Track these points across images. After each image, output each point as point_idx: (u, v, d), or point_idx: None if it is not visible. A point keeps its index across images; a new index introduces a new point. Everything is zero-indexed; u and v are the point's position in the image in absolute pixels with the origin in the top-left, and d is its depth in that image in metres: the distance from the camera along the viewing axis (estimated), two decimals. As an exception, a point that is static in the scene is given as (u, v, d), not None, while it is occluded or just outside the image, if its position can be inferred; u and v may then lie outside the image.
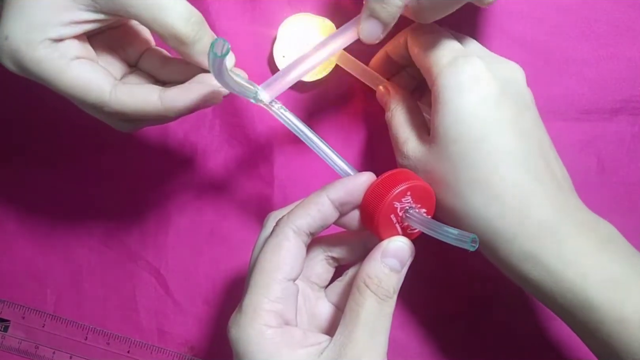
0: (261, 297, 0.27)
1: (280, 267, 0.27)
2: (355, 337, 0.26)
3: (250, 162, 0.42)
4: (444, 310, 0.40)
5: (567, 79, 0.39)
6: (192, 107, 0.31)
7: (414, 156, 0.32)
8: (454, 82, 0.29)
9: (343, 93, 0.41)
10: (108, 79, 0.30)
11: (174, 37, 0.28)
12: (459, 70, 0.30)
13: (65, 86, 0.29)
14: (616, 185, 0.40)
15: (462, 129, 0.29)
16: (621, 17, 0.39)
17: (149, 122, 0.34)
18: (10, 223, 0.45)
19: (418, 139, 0.32)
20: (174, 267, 0.43)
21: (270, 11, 0.41)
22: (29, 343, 0.44)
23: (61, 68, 0.28)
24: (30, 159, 0.45)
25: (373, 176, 0.29)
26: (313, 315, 0.32)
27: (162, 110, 0.30)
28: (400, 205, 0.28)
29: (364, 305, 0.27)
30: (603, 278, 0.27)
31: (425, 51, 0.32)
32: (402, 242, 0.29)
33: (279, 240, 0.28)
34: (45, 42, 0.28)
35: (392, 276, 0.28)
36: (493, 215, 0.29)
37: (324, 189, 0.29)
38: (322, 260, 0.32)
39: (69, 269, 0.44)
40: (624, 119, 0.39)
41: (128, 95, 0.30)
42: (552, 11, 0.40)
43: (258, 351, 0.26)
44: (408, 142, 0.32)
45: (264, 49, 0.41)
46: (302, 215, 0.28)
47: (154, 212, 0.43)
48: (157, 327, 0.43)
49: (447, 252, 0.40)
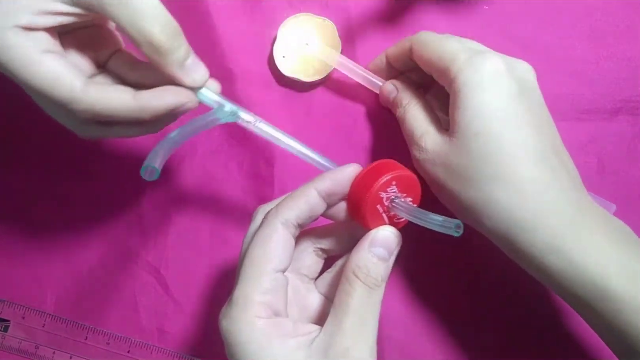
0: (251, 289, 0.27)
1: (269, 259, 0.27)
2: (345, 326, 0.27)
3: (250, 162, 0.42)
4: (445, 310, 0.40)
5: (567, 79, 0.39)
6: (168, 108, 0.30)
7: (432, 149, 0.32)
8: (475, 78, 0.30)
9: (343, 93, 0.41)
10: (79, 75, 0.28)
11: (149, 44, 0.27)
12: (479, 66, 0.30)
13: (34, 78, 0.27)
14: (616, 185, 0.40)
15: (484, 124, 0.30)
16: (621, 17, 0.39)
17: (117, 128, 0.32)
18: (11, 223, 0.45)
19: (436, 133, 0.33)
20: (174, 267, 0.43)
21: (270, 11, 0.41)
22: (29, 343, 0.44)
23: (32, 58, 0.27)
24: (30, 159, 0.45)
25: (359, 167, 0.30)
26: (303, 307, 0.32)
27: (137, 109, 0.29)
28: (386, 195, 0.29)
29: (353, 294, 0.27)
30: (623, 269, 0.28)
31: (439, 54, 0.32)
32: (389, 231, 0.29)
33: (268, 232, 0.28)
34: (15, 30, 0.27)
35: (380, 265, 0.28)
36: (514, 207, 0.29)
37: (312, 181, 0.29)
38: (311, 252, 0.32)
39: (69, 269, 0.44)
40: (624, 118, 0.39)
41: (100, 93, 0.29)
42: (552, 11, 0.40)
43: (249, 342, 0.26)
44: (426, 136, 0.33)
45: (264, 49, 0.41)
46: (290, 207, 0.28)
47: (154, 212, 0.43)
48: (157, 327, 0.43)
49: (448, 251, 0.40)
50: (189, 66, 0.30)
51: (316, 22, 0.40)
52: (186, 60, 0.29)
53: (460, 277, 0.40)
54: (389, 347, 0.40)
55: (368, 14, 0.41)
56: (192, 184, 0.43)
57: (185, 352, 0.43)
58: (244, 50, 0.41)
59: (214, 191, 0.43)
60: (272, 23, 0.40)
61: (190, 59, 0.30)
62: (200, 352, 0.43)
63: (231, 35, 0.41)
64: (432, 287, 0.40)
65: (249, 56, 0.41)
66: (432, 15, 0.40)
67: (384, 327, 0.40)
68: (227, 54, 0.41)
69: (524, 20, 0.40)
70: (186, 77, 0.30)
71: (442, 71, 0.32)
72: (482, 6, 0.40)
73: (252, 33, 0.41)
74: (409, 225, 0.30)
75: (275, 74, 0.41)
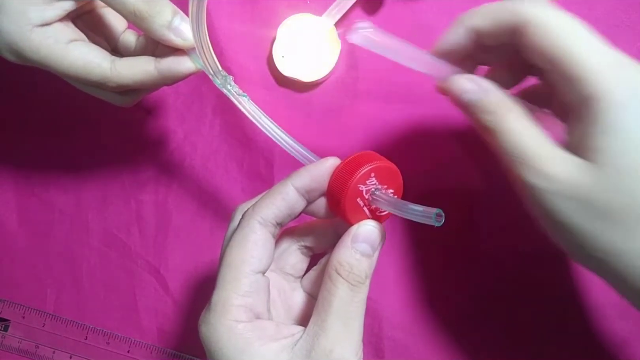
0: (230, 292, 0.26)
1: (247, 261, 0.27)
2: (328, 326, 0.26)
3: (250, 162, 0.42)
4: (446, 311, 0.40)
5: (567, 79, 0.39)
6: (187, 74, 0.32)
7: (565, 179, 0.24)
8: (632, 99, 0.23)
9: (342, 93, 0.41)
10: (105, 55, 0.31)
11: (133, 13, 0.29)
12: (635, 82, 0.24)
13: (68, 69, 0.30)
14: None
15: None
16: (621, 17, 0.39)
17: (146, 91, 0.36)
18: (10, 223, 0.45)
19: (572, 157, 0.25)
20: (174, 267, 0.43)
21: (270, 11, 0.41)
22: (29, 343, 0.44)
23: (60, 52, 0.30)
24: (29, 158, 0.45)
25: (338, 160, 0.28)
26: (289, 307, 0.31)
27: (160, 79, 0.32)
28: (365, 188, 0.28)
29: (336, 293, 0.26)
30: None
31: (569, 56, 0.24)
32: (372, 225, 0.28)
33: (245, 233, 0.27)
34: (35, 30, 0.29)
35: (363, 261, 0.27)
36: None
37: (288, 177, 0.28)
38: (295, 250, 0.32)
39: (69, 269, 0.44)
40: (624, 118, 0.39)
41: (128, 69, 0.31)
42: (552, 11, 0.40)
43: (228, 347, 0.25)
44: (554, 161, 0.25)
45: (264, 49, 0.41)
46: (267, 206, 0.27)
47: (154, 212, 0.43)
48: (157, 327, 0.43)
49: (449, 252, 0.40)
50: (177, 27, 0.30)
51: (316, 22, 0.40)
52: (173, 22, 0.30)
53: (461, 278, 0.40)
54: (389, 348, 0.40)
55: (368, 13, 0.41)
56: (192, 184, 0.43)
57: (185, 352, 0.43)
58: (243, 50, 0.41)
59: (214, 191, 0.43)
60: (271, 23, 0.40)
61: (177, 19, 0.30)
62: (200, 352, 0.43)
63: (230, 35, 0.41)
64: (432, 288, 0.40)
65: (249, 56, 0.41)
66: (432, 15, 0.40)
67: (384, 328, 0.40)
68: (227, 54, 0.41)
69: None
70: (175, 39, 0.30)
71: (571, 79, 0.24)
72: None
73: (252, 33, 0.41)
74: (409, 226, 0.30)
75: (275, 74, 0.41)
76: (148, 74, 0.31)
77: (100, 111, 0.43)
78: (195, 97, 0.42)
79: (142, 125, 0.43)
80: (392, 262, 0.40)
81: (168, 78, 0.32)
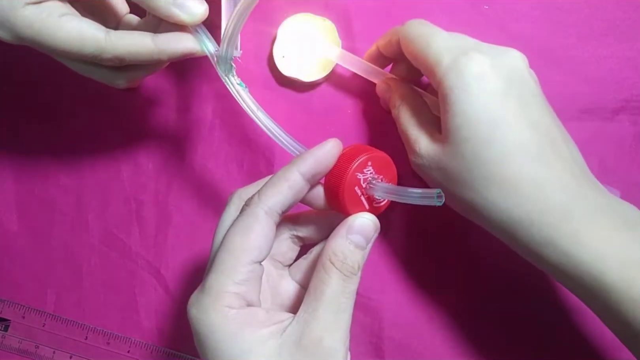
0: (226, 279, 0.26)
1: (248, 250, 0.27)
2: (319, 315, 0.26)
3: (250, 162, 0.42)
4: (446, 311, 0.40)
5: (568, 79, 0.39)
6: (185, 52, 0.31)
7: (427, 155, 0.32)
8: (460, 83, 0.29)
9: (343, 93, 0.41)
10: (100, 28, 0.31)
11: None
12: (463, 69, 0.30)
13: (62, 42, 0.29)
14: (616, 185, 0.39)
15: (473, 128, 0.29)
16: (621, 17, 0.39)
17: (143, 71, 0.35)
18: (10, 223, 0.45)
19: (429, 138, 0.32)
20: (174, 267, 0.43)
21: (270, 11, 0.41)
22: (29, 343, 0.44)
23: (54, 25, 0.29)
24: (29, 158, 0.45)
25: (338, 141, 0.29)
26: (276, 294, 0.31)
27: (156, 52, 0.31)
28: (363, 177, 0.29)
29: (329, 282, 0.27)
30: (619, 259, 0.27)
31: (423, 53, 0.31)
32: (367, 218, 0.29)
33: (249, 222, 0.27)
34: (28, 7, 0.29)
35: (356, 253, 0.28)
36: (511, 206, 0.29)
37: (293, 163, 0.28)
38: (287, 239, 0.32)
39: (69, 269, 0.44)
40: (624, 118, 0.39)
41: (123, 39, 0.30)
42: (552, 11, 0.40)
43: (219, 331, 0.26)
44: (419, 141, 0.32)
45: (264, 49, 0.41)
46: (273, 194, 0.27)
47: (154, 212, 0.43)
48: (157, 327, 0.43)
49: (450, 251, 0.40)
50: (182, 3, 0.30)
51: (316, 22, 0.40)
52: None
53: (462, 277, 0.40)
54: (389, 348, 0.40)
55: (368, 13, 0.41)
56: (192, 184, 0.43)
57: (185, 352, 0.43)
58: (243, 49, 0.41)
59: (214, 191, 0.43)
60: (272, 23, 0.40)
61: None
62: (200, 352, 0.43)
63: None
64: (432, 288, 0.40)
65: (249, 56, 0.41)
66: (432, 15, 0.40)
67: (384, 328, 0.40)
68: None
69: (524, 20, 0.40)
70: (182, 14, 0.30)
71: (428, 72, 0.32)
72: (483, 6, 0.40)
73: (252, 33, 0.41)
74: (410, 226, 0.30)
75: (275, 73, 0.41)
76: (144, 46, 0.31)
77: (100, 111, 0.43)
78: (195, 97, 0.42)
79: (142, 125, 0.43)
80: (392, 262, 0.40)
81: (164, 52, 0.31)
